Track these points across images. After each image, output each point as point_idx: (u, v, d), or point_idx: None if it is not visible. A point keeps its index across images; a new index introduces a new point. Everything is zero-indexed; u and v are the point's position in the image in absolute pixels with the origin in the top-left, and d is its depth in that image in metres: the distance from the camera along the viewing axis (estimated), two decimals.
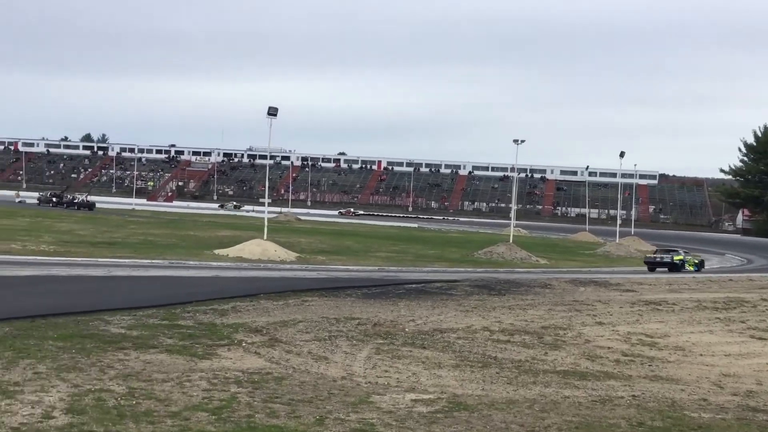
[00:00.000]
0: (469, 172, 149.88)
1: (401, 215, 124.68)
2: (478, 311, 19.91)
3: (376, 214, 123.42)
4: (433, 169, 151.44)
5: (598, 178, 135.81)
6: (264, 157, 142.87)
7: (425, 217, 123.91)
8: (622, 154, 73.49)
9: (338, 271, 31.62)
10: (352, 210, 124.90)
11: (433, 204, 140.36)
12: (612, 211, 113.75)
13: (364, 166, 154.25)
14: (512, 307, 20.87)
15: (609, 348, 15.42)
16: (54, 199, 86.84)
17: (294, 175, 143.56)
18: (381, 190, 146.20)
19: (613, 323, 18.70)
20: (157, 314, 16.50)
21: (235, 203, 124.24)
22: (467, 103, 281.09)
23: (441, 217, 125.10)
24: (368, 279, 28.04)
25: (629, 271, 41.64)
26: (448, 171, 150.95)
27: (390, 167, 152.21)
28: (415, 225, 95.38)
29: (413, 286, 25.47)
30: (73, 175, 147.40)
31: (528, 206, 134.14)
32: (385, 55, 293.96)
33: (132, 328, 14.69)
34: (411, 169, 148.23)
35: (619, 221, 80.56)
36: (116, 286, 21.98)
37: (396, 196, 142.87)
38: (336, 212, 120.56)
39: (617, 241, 67.21)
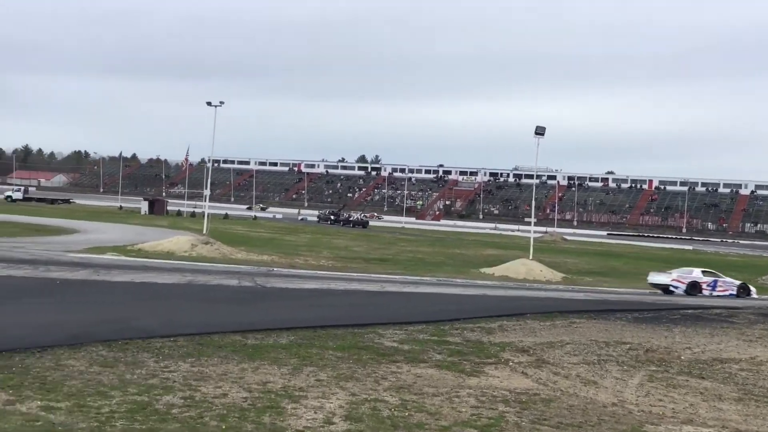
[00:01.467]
0: (752, 192, 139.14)
1: (673, 236, 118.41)
2: (764, 341, 18.36)
3: (646, 235, 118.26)
4: (710, 189, 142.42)
5: None
6: (530, 176, 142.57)
7: (700, 239, 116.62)
8: None
9: (606, 293, 30.65)
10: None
11: (710, 225, 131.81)
12: None
13: (633, 185, 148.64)
14: None
15: None
16: (332, 217, 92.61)
17: (560, 194, 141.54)
18: (652, 210, 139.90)
19: None
20: (427, 330, 16.98)
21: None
22: (746, 119, 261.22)
23: (718, 240, 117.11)
24: (639, 302, 26.89)
25: None
26: (727, 190, 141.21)
27: (662, 186, 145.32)
28: (690, 247, 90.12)
29: (689, 311, 24.06)
30: (348, 194, 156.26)
31: None
32: (651, 72, 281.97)
33: (403, 342, 15.24)
34: (685, 188, 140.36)
35: None
36: (388, 301, 22.93)
37: (668, 216, 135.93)
38: (604, 233, 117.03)
39: None
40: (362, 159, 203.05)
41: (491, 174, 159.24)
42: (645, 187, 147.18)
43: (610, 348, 16.13)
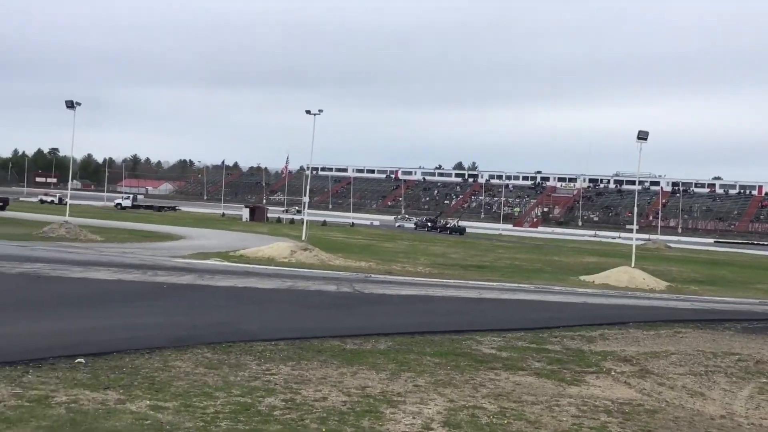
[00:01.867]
0: None
1: None
2: None
3: (756, 243, 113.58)
4: None
5: None
6: (631, 182, 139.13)
7: None
8: None
9: (713, 303, 29.58)
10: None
11: None
12: None
13: (742, 191, 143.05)
14: None
15: None
16: (429, 224, 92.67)
17: (663, 201, 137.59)
18: (762, 217, 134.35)
19: None
20: (525, 337, 16.80)
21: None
22: None
23: None
24: (749, 312, 25.87)
25: None
26: None
27: None
28: None
29: None
30: (445, 201, 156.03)
31: None
32: (760, 74, 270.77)
33: (502, 349, 15.11)
34: None
35: None
36: (486, 308, 22.79)
37: None
38: (711, 240, 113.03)
39: None
40: (459, 166, 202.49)
41: (591, 180, 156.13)
42: (754, 193, 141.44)
43: (718, 359, 15.58)
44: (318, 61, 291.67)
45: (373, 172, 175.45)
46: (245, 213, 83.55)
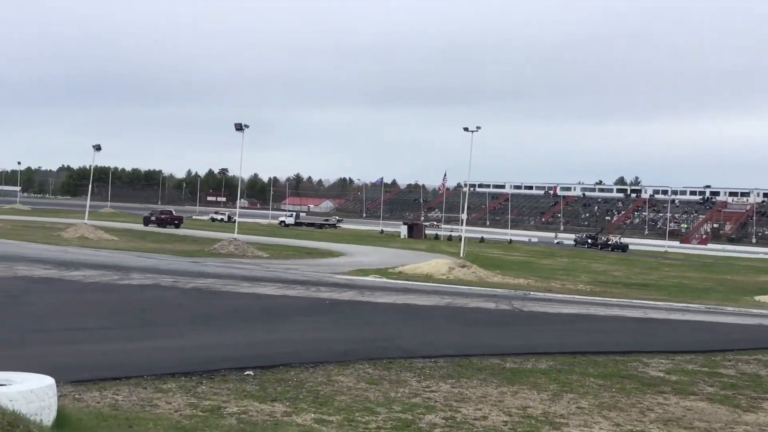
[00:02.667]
0: None
1: None
2: None
3: None
4: None
5: None
6: None
7: None
8: None
9: None
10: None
11: None
12: None
13: None
14: None
15: None
16: (589, 241, 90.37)
17: None
18: None
19: None
20: (696, 360, 15.99)
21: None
22: None
23: None
24: None
25: None
26: None
27: None
28: None
29: None
30: (606, 218, 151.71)
31: None
32: None
33: (670, 372, 14.46)
34: None
35: None
36: (652, 329, 21.88)
37: None
38: None
39: None
40: (620, 181, 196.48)
41: (765, 194, 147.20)
42: None
43: None
44: (475, 78, 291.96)
45: (531, 188, 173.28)
46: (403, 230, 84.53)
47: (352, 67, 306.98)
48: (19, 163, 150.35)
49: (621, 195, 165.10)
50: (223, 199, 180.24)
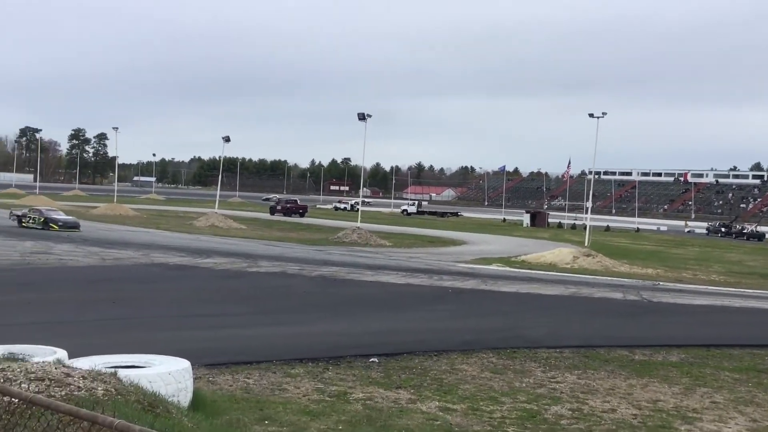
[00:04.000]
0: None
1: None
2: None
3: None
4: None
5: None
6: None
7: None
8: None
9: None
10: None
11: None
12: None
13: None
14: None
15: None
16: (723, 229, 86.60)
17: None
18: None
19: None
20: None
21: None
22: None
23: None
24: None
25: None
26: None
27: None
28: None
29: None
30: (741, 205, 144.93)
31: None
32: None
33: None
34: None
35: None
36: None
37: None
38: None
39: None
40: (757, 167, 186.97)
41: None
42: None
43: None
44: (600, 65, 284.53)
45: (659, 175, 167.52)
46: (526, 218, 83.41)
47: (472, 56, 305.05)
48: (154, 155, 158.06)
49: (757, 181, 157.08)
50: (346, 188, 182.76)
